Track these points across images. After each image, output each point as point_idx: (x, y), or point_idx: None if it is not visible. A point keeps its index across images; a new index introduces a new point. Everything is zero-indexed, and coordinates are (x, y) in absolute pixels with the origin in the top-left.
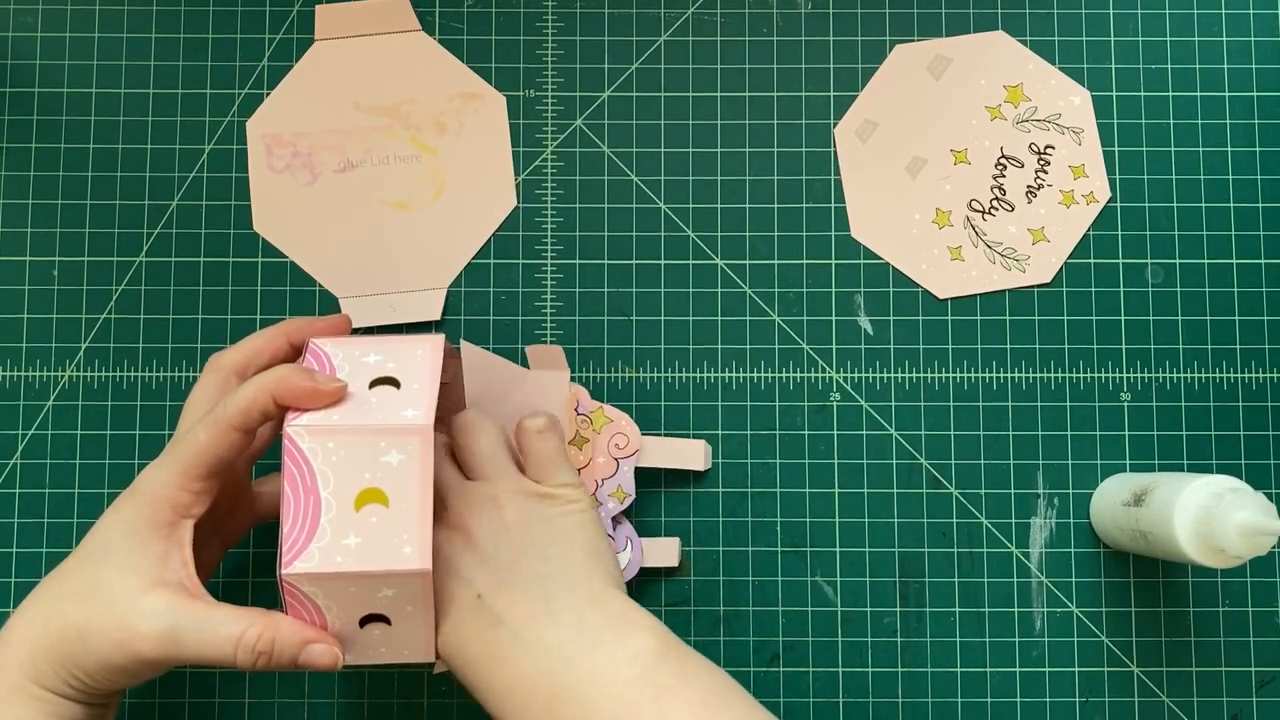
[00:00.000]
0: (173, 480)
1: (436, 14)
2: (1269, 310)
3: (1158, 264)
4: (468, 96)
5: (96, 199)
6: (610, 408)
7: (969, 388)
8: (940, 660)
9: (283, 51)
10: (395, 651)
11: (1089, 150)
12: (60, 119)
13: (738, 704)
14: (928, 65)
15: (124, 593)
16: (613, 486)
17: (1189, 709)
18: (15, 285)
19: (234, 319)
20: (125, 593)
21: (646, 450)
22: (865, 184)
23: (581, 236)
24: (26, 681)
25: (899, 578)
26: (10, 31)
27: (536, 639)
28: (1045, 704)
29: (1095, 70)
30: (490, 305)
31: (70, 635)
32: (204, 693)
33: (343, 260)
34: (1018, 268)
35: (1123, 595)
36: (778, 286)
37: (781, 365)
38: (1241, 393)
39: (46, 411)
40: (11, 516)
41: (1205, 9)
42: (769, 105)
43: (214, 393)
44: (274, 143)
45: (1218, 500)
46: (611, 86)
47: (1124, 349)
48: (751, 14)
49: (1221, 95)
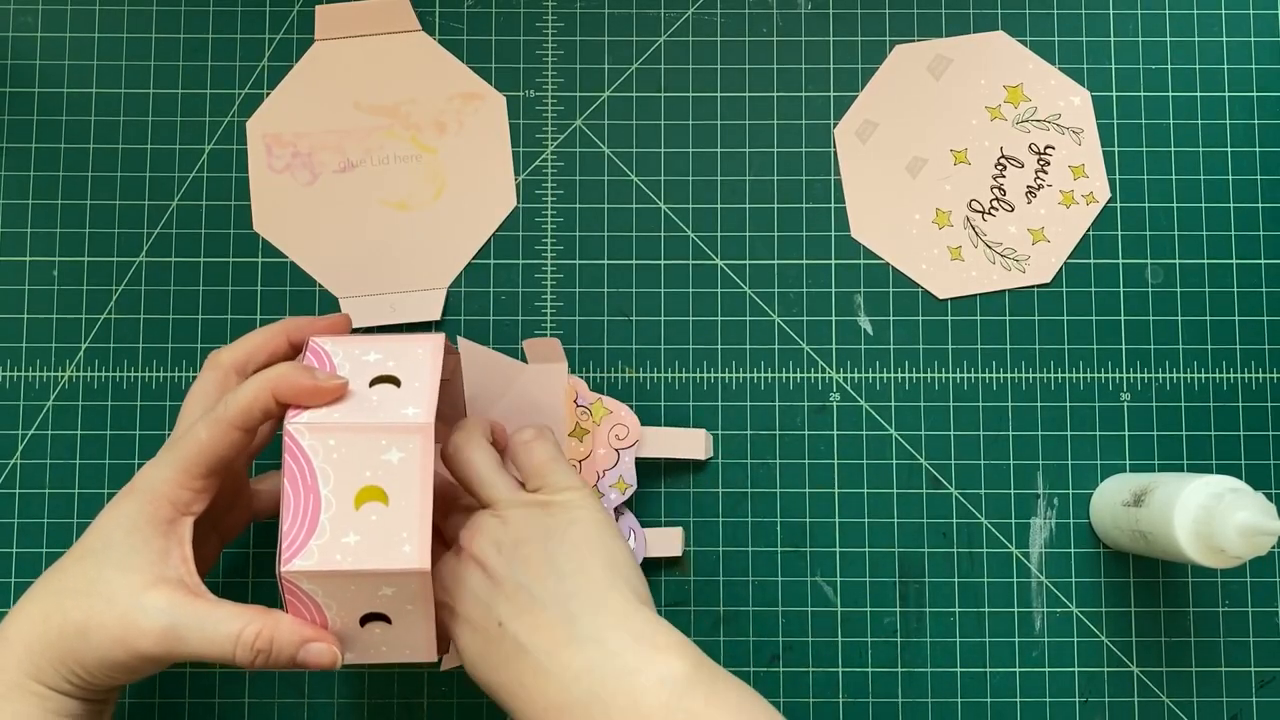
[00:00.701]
0: (173, 478)
1: (436, 14)
2: (1269, 310)
3: (1158, 264)
4: (468, 96)
5: (96, 199)
6: (609, 399)
7: (969, 388)
8: (940, 660)
9: (283, 51)
10: (396, 650)
11: (1089, 150)
12: (60, 119)
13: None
14: (928, 65)
15: (125, 589)
16: (614, 478)
17: (1189, 709)
18: (15, 285)
19: (234, 319)
20: (126, 589)
21: (647, 440)
22: (865, 184)
23: (581, 236)
24: (25, 678)
25: (899, 578)
26: (10, 31)
27: (562, 668)
28: (1045, 704)
29: (1095, 70)
30: (490, 305)
31: (70, 632)
32: (204, 693)
33: (343, 260)
34: (1018, 268)
35: (1122, 595)
36: (778, 286)
37: (781, 365)
38: (1241, 393)
39: (46, 411)
40: (11, 517)
41: (1205, 9)
42: (769, 105)
43: (213, 390)
44: (274, 143)
45: (1218, 500)
46: (611, 86)
47: (1124, 349)
48: (751, 14)
49: (1221, 95)
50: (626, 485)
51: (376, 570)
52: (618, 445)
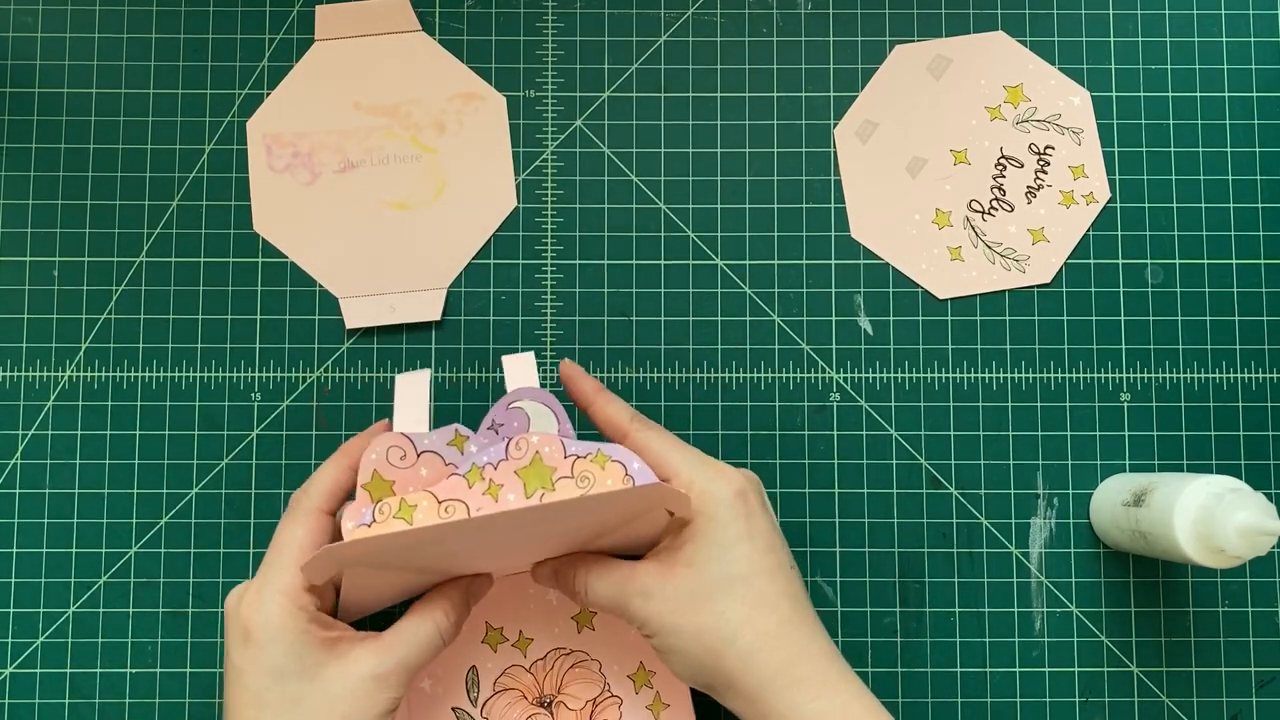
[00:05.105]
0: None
1: (436, 14)
2: (1269, 310)
3: (1157, 264)
4: (468, 96)
5: (96, 199)
6: (608, 446)
7: (969, 388)
8: (940, 660)
9: (283, 51)
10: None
11: (1089, 150)
12: (60, 119)
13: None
14: (928, 65)
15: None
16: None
17: (1189, 709)
18: (15, 285)
19: (234, 319)
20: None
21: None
22: (865, 184)
23: (581, 236)
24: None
25: (899, 578)
26: (10, 31)
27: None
28: (1045, 704)
29: (1095, 70)
30: (490, 305)
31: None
32: (204, 693)
33: (343, 260)
34: (1017, 268)
35: (1122, 595)
36: (778, 286)
37: (781, 365)
38: (1241, 393)
39: (46, 411)
40: (11, 517)
41: (1205, 9)
42: (769, 105)
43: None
44: (274, 143)
45: (1218, 500)
46: (611, 86)
47: (1124, 349)
48: (751, 14)
49: (1221, 95)
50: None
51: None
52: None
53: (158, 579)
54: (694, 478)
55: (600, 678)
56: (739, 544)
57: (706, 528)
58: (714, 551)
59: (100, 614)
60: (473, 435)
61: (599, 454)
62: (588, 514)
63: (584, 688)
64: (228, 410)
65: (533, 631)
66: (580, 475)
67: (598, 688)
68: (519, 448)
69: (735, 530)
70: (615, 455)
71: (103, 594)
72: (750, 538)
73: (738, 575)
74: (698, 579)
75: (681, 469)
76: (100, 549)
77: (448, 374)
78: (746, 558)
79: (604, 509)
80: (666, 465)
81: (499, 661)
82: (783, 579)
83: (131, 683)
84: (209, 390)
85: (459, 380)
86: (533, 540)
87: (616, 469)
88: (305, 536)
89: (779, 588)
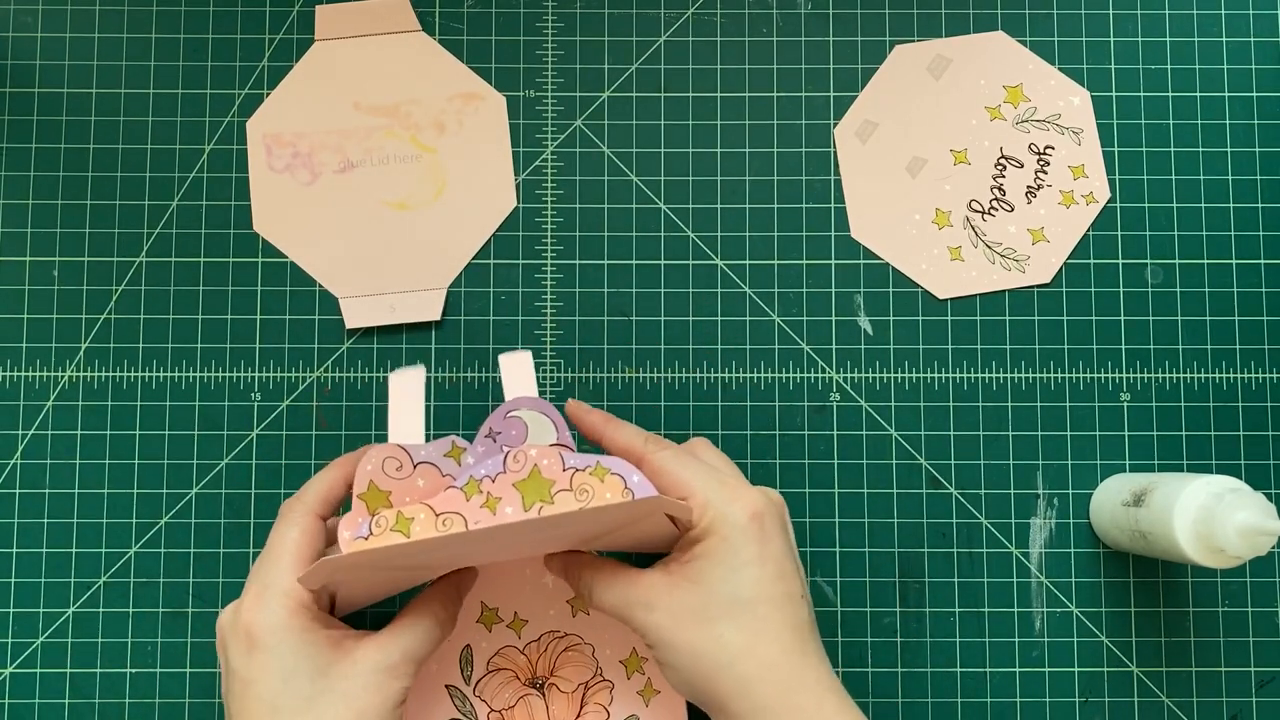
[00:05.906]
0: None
1: (436, 14)
2: (1269, 310)
3: (1157, 264)
4: (468, 96)
5: (96, 199)
6: (607, 459)
7: (969, 388)
8: (940, 660)
9: (283, 51)
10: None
11: (1089, 150)
12: (60, 119)
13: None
14: (928, 65)
15: (349, 697)
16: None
17: (1189, 709)
18: (15, 285)
19: (234, 319)
20: (351, 696)
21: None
22: (865, 184)
23: (581, 236)
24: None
25: (899, 578)
26: (10, 31)
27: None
28: (1045, 704)
29: (1095, 70)
30: (490, 305)
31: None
32: (204, 694)
33: (343, 260)
34: (1017, 268)
35: (1122, 595)
36: (778, 286)
37: (781, 365)
38: (1241, 393)
39: (46, 411)
40: (11, 517)
41: (1205, 9)
42: (769, 105)
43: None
44: (274, 143)
45: (1217, 500)
46: (611, 86)
47: (1123, 349)
48: (751, 14)
49: (1221, 95)
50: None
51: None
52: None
53: (157, 579)
54: (710, 499)
55: (593, 662)
56: (748, 568)
57: (718, 548)
58: (722, 572)
59: (100, 614)
60: (470, 446)
61: (598, 467)
62: (587, 522)
63: (576, 671)
64: (227, 410)
65: (528, 613)
66: (579, 488)
67: (590, 671)
68: (517, 460)
69: (746, 554)
70: (614, 468)
71: (102, 594)
72: (760, 563)
73: (743, 599)
74: (702, 598)
75: (697, 490)
76: (100, 549)
77: (447, 374)
78: (755, 582)
79: (603, 517)
80: (683, 486)
81: (493, 642)
82: (790, 608)
83: (131, 683)
84: (209, 390)
85: (459, 380)
86: (533, 544)
87: (616, 481)
88: (301, 538)
89: (784, 617)
